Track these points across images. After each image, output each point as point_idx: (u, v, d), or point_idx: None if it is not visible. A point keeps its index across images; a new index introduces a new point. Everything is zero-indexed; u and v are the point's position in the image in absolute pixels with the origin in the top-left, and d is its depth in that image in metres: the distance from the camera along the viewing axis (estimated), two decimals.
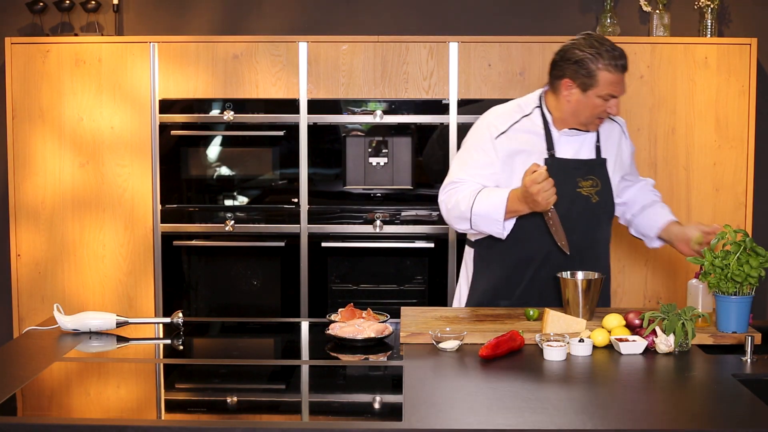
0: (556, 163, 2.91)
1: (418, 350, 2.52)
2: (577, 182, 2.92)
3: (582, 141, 2.96)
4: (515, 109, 2.98)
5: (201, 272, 4.27)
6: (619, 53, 2.82)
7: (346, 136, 4.16)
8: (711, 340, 2.57)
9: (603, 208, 2.97)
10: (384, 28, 4.46)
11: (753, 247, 2.54)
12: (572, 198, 2.91)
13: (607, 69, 2.80)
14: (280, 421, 2.06)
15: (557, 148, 2.93)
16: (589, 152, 2.97)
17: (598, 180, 2.95)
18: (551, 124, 2.94)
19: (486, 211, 2.82)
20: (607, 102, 2.84)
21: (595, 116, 2.88)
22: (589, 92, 2.84)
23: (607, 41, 2.84)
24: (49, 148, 4.19)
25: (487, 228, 2.86)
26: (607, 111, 2.86)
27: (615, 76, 2.81)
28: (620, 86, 2.84)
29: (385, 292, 4.25)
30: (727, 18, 4.47)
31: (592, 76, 2.81)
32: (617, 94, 2.84)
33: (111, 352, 2.62)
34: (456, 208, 2.88)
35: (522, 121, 2.94)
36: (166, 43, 4.16)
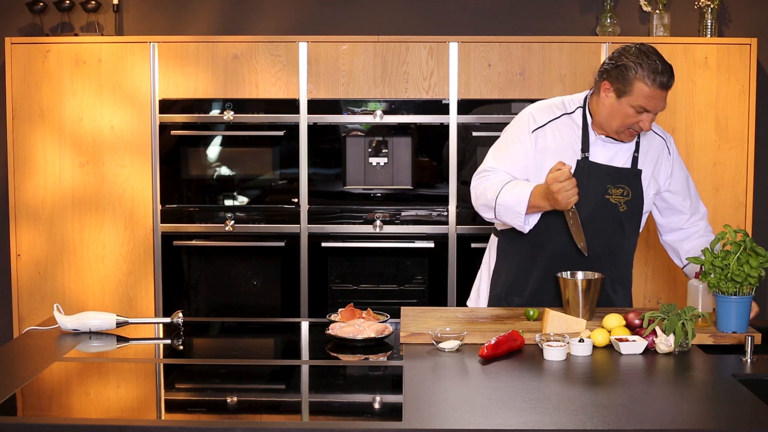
0: (588, 165, 2.89)
1: (418, 350, 2.52)
2: (607, 189, 2.90)
3: (619, 148, 2.93)
4: (558, 106, 2.97)
5: (201, 272, 4.27)
6: (663, 69, 2.75)
7: (346, 136, 4.16)
8: (711, 340, 2.57)
9: (630, 218, 2.95)
10: (384, 28, 4.46)
11: (753, 247, 2.54)
12: (599, 203, 2.90)
13: (643, 80, 2.75)
14: (280, 421, 2.06)
15: (592, 150, 2.91)
16: (625, 161, 2.94)
17: (629, 189, 2.91)
18: (590, 126, 2.92)
19: (509, 203, 2.82)
20: (639, 114, 2.79)
21: (626, 126, 2.83)
22: (623, 100, 2.80)
23: (657, 55, 2.77)
24: (49, 148, 4.19)
25: (510, 220, 2.85)
26: (639, 125, 2.81)
27: (651, 90, 2.75)
28: (655, 102, 2.77)
29: (385, 292, 4.25)
30: (727, 18, 4.47)
31: (628, 84, 2.77)
32: (651, 109, 2.78)
33: (111, 352, 2.62)
34: (483, 195, 2.89)
35: (562, 118, 2.94)
36: (166, 43, 4.16)
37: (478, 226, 4.15)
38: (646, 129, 2.82)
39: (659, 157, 2.99)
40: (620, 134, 2.87)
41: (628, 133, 2.86)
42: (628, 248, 3.02)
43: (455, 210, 4.16)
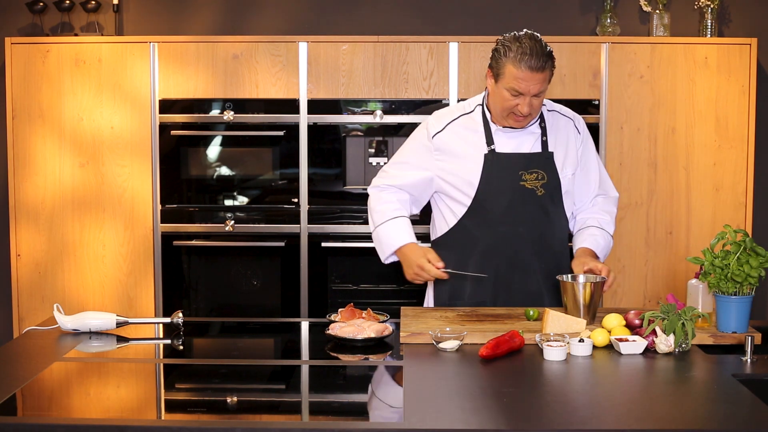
0: (497, 157, 2.93)
1: (418, 350, 2.52)
2: (521, 175, 2.93)
3: (523, 135, 2.97)
4: (457, 108, 3.05)
5: (201, 272, 4.27)
6: (533, 52, 2.77)
7: (346, 136, 4.16)
8: (711, 340, 2.57)
9: (551, 201, 2.97)
10: (384, 28, 4.46)
11: (753, 247, 2.54)
12: (515, 191, 2.93)
13: (512, 62, 2.79)
14: (280, 421, 2.06)
15: (497, 142, 2.95)
16: (533, 146, 2.97)
17: (543, 173, 2.95)
18: (490, 120, 2.97)
19: (382, 239, 3.02)
20: (515, 98, 2.83)
21: (507, 110, 2.87)
22: (499, 84, 2.86)
23: (532, 40, 2.80)
24: (49, 148, 4.19)
25: (377, 247, 3.05)
26: (518, 108, 2.84)
27: (520, 72, 2.78)
28: (527, 84, 2.79)
29: (385, 292, 4.25)
30: (727, 18, 4.47)
31: (501, 68, 2.83)
32: (523, 92, 2.80)
33: (111, 352, 2.62)
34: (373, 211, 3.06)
35: (461, 118, 3.00)
36: (166, 43, 4.16)
37: None
38: (524, 113, 2.84)
39: (569, 136, 3.03)
40: (506, 119, 2.91)
41: (513, 118, 2.89)
42: (559, 231, 3.03)
43: None
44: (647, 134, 4.17)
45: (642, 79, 4.15)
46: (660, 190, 4.19)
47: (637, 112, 4.16)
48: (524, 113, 2.85)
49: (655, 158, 4.17)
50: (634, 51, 4.14)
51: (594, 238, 3.00)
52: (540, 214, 2.96)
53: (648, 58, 4.14)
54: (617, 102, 4.16)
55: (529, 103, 2.83)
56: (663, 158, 4.17)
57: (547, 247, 2.99)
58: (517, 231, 2.94)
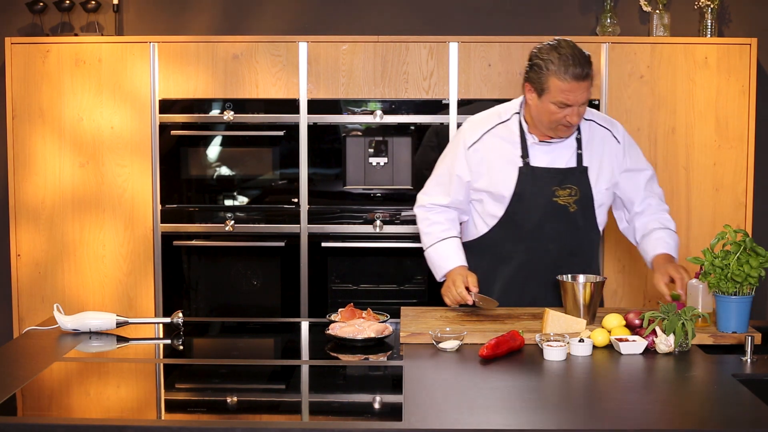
0: (530, 171, 2.89)
1: (418, 350, 2.52)
2: (554, 191, 2.89)
3: (559, 149, 2.91)
4: (492, 116, 2.98)
5: (201, 272, 4.27)
6: (576, 61, 2.73)
7: (346, 136, 4.16)
8: (711, 340, 2.57)
9: (582, 217, 2.93)
10: (384, 28, 4.46)
11: (753, 247, 2.54)
12: (547, 207, 2.89)
13: (556, 75, 2.74)
14: (280, 421, 2.06)
15: (532, 155, 2.90)
16: (569, 160, 2.92)
17: (577, 188, 2.90)
18: (527, 131, 2.92)
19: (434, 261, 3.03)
20: (563, 109, 2.78)
21: (555, 123, 2.81)
22: (543, 98, 2.80)
23: (571, 48, 2.77)
24: (49, 148, 4.19)
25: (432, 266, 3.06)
26: (567, 119, 2.79)
27: (566, 84, 2.73)
28: (575, 95, 2.75)
29: (385, 292, 4.25)
30: (727, 18, 4.47)
31: (543, 82, 2.78)
32: (571, 103, 2.76)
33: (111, 352, 2.62)
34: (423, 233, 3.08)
35: (497, 127, 2.94)
36: (166, 43, 4.16)
37: None
38: (574, 123, 2.80)
39: (605, 148, 2.96)
40: (555, 131, 2.86)
41: (561, 128, 2.84)
42: (589, 246, 3.00)
43: None
44: (647, 134, 4.17)
45: (642, 79, 4.15)
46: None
47: (637, 112, 4.16)
48: (574, 123, 2.80)
49: (655, 158, 4.16)
50: (634, 51, 4.13)
51: (663, 241, 2.93)
52: (571, 230, 2.93)
53: (648, 58, 4.14)
54: (617, 102, 4.16)
55: (578, 113, 2.78)
56: (663, 158, 4.17)
57: (577, 261, 2.94)
58: (548, 248, 2.91)
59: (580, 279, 2.77)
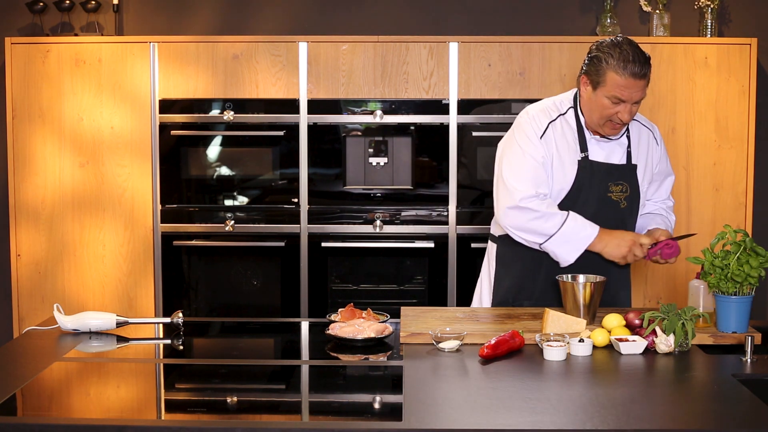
0: (589, 165, 2.91)
1: (418, 350, 2.52)
2: (608, 186, 2.92)
3: (613, 144, 2.95)
4: (551, 107, 2.97)
5: (201, 272, 4.27)
6: (635, 58, 2.75)
7: (346, 136, 4.16)
8: (711, 340, 2.57)
9: (630, 214, 2.97)
10: (384, 28, 4.46)
11: (753, 247, 2.54)
12: (602, 202, 2.91)
13: (614, 70, 2.76)
14: (280, 421, 2.06)
15: (590, 150, 2.93)
16: (621, 157, 2.96)
17: (627, 186, 2.94)
18: (584, 125, 2.94)
19: (570, 239, 2.85)
20: (616, 105, 2.80)
21: (605, 118, 2.84)
22: (598, 92, 2.82)
23: (631, 46, 2.79)
24: (49, 148, 4.19)
25: (561, 254, 2.88)
26: (618, 116, 2.81)
27: (623, 80, 2.76)
28: (630, 91, 2.77)
29: (385, 292, 4.24)
30: (727, 18, 4.47)
31: (601, 75, 2.80)
32: (626, 99, 2.78)
33: (111, 352, 2.62)
34: (538, 220, 2.86)
35: (558, 120, 2.95)
36: (166, 43, 4.16)
37: (478, 226, 4.15)
38: (625, 120, 2.82)
39: (649, 147, 3.02)
40: (603, 128, 2.87)
41: (610, 125, 2.86)
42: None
43: (455, 210, 4.16)
44: None
45: None
46: None
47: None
48: (625, 121, 2.82)
49: None
50: None
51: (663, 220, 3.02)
52: (620, 226, 2.93)
53: None
54: None
55: (630, 111, 2.80)
56: None
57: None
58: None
59: (580, 279, 2.77)
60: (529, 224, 2.87)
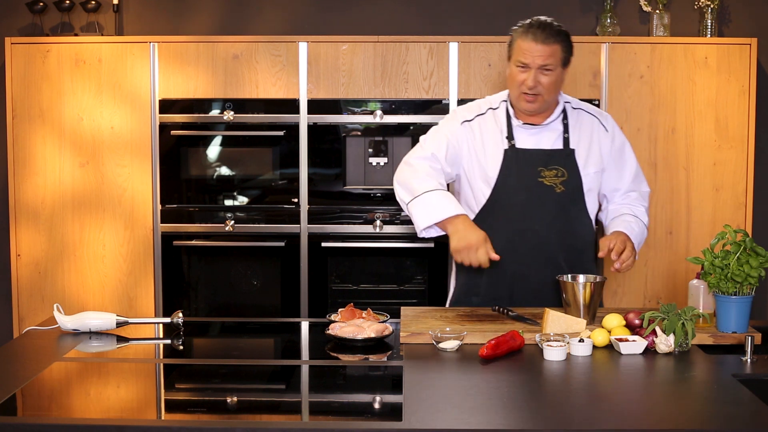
0: (516, 153, 2.95)
1: (418, 350, 2.52)
2: (539, 171, 2.94)
3: (544, 131, 2.98)
4: (484, 103, 3.08)
5: (201, 272, 4.27)
6: (539, 25, 2.91)
7: (346, 136, 4.16)
8: (711, 340, 2.57)
9: (571, 199, 2.96)
10: (384, 28, 4.46)
11: (753, 247, 2.54)
12: (533, 187, 2.93)
13: (519, 35, 2.92)
14: (280, 421, 2.06)
15: (517, 137, 2.97)
16: (554, 142, 2.98)
17: (564, 170, 2.95)
18: (513, 116, 3.00)
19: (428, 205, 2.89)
20: (522, 73, 2.89)
21: (518, 89, 2.91)
22: (510, 61, 2.95)
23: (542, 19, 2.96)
24: (49, 148, 4.19)
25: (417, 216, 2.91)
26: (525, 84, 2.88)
27: (525, 44, 2.88)
28: (532, 55, 2.87)
29: (385, 292, 4.25)
30: (727, 18, 4.47)
31: (512, 45, 2.95)
32: (528, 63, 2.87)
33: (111, 352, 2.62)
34: (411, 180, 2.94)
35: (488, 113, 3.04)
36: (166, 43, 4.16)
37: None
38: (529, 85, 2.88)
39: (593, 133, 3.02)
40: (519, 103, 2.94)
41: (524, 98, 2.92)
42: (582, 232, 3.01)
43: None
44: (647, 134, 4.17)
45: (642, 79, 4.15)
46: (660, 190, 4.19)
47: (637, 112, 4.16)
48: (529, 87, 2.88)
49: (655, 158, 4.17)
50: (634, 51, 4.14)
51: (628, 224, 2.96)
52: (558, 211, 2.95)
53: (648, 58, 4.14)
54: (617, 102, 4.16)
55: (534, 77, 2.87)
56: (663, 158, 4.17)
57: (566, 244, 2.97)
58: (534, 228, 2.94)
59: (580, 279, 2.77)
60: (407, 179, 2.96)
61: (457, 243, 2.82)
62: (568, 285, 2.72)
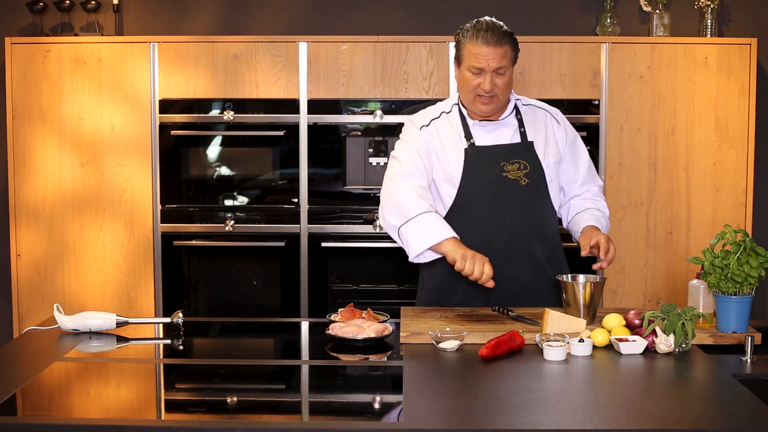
0: (476, 151, 2.95)
1: (418, 350, 2.52)
2: (502, 166, 2.94)
3: (500, 127, 2.98)
4: (436, 108, 3.07)
5: (201, 272, 4.27)
6: (488, 27, 2.87)
7: (346, 136, 4.16)
8: (711, 340, 2.57)
9: (536, 191, 2.97)
10: (384, 28, 4.46)
11: (753, 247, 2.54)
12: (498, 182, 2.93)
13: (469, 40, 2.87)
14: (280, 421, 2.06)
15: (475, 136, 2.97)
16: (512, 137, 2.99)
17: (526, 162, 2.96)
18: (467, 116, 3.00)
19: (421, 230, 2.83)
20: (477, 77, 2.87)
21: (472, 93, 2.90)
22: (462, 67, 2.91)
23: (489, 20, 2.92)
24: (49, 148, 4.19)
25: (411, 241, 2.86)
26: (481, 87, 2.87)
27: (477, 48, 2.85)
28: (486, 59, 2.85)
29: (385, 292, 4.24)
30: (727, 18, 4.47)
31: (461, 49, 2.91)
32: (483, 67, 2.85)
33: (111, 352, 2.62)
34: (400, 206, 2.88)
35: (442, 116, 3.03)
36: (166, 43, 4.16)
37: None
38: (486, 89, 2.87)
39: (547, 126, 3.04)
40: (474, 105, 2.93)
41: (479, 101, 2.91)
42: (550, 219, 3.02)
43: None
44: (647, 134, 4.17)
45: (642, 79, 4.15)
46: (660, 190, 4.19)
47: (637, 112, 4.16)
48: (486, 90, 2.87)
49: (655, 158, 4.17)
50: (634, 51, 4.13)
51: (596, 218, 3.00)
52: (526, 204, 2.95)
53: (648, 58, 4.14)
54: (617, 102, 4.16)
55: (491, 80, 2.86)
56: (663, 158, 4.17)
57: (537, 236, 2.97)
58: (504, 222, 2.93)
59: (580, 279, 2.77)
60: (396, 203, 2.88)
61: (464, 252, 2.76)
62: (568, 285, 2.72)
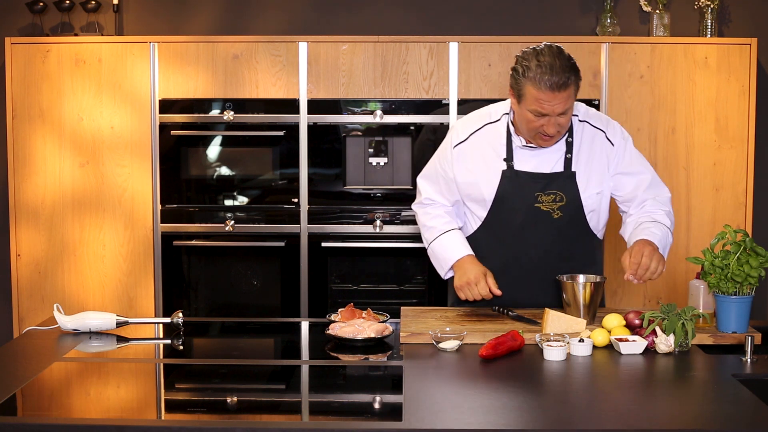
0: (513, 175, 2.82)
1: (418, 350, 2.52)
2: (537, 197, 2.81)
3: (545, 153, 2.82)
4: (483, 115, 2.92)
5: (201, 272, 4.27)
6: (554, 70, 2.61)
7: (346, 136, 4.16)
8: (711, 340, 2.57)
9: (569, 223, 2.84)
10: (384, 28, 4.46)
11: (753, 247, 2.54)
12: (529, 212, 2.82)
13: (532, 83, 2.62)
14: (280, 421, 2.06)
15: (517, 158, 2.82)
16: (555, 164, 2.82)
17: (562, 194, 2.81)
18: (514, 133, 2.84)
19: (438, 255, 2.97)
20: (540, 119, 2.67)
21: (533, 131, 2.72)
22: (522, 105, 2.70)
23: (552, 55, 2.64)
24: (49, 148, 4.19)
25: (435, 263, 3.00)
26: (543, 129, 2.70)
27: (541, 93, 2.62)
28: (550, 104, 2.63)
29: (385, 292, 4.25)
30: (727, 18, 4.47)
31: (521, 88, 2.67)
32: (547, 112, 2.65)
33: (111, 352, 2.62)
34: (424, 227, 3.03)
35: (485, 128, 2.88)
36: (166, 43, 4.16)
37: None
38: (550, 133, 2.70)
39: (594, 152, 2.84)
40: (534, 140, 2.77)
41: (540, 138, 2.74)
42: (583, 252, 2.91)
43: None
44: (647, 134, 4.17)
45: (642, 79, 4.15)
46: None
47: (637, 112, 4.16)
48: (551, 134, 2.70)
49: (655, 158, 4.17)
50: (634, 51, 4.14)
51: (649, 230, 2.76)
52: (554, 237, 2.84)
53: (648, 58, 4.14)
54: (617, 102, 4.16)
55: (555, 123, 2.67)
56: (663, 158, 4.17)
57: (567, 267, 2.83)
58: (528, 253, 2.86)
59: (580, 279, 2.77)
60: (421, 223, 3.05)
61: (458, 281, 2.86)
62: (568, 285, 2.72)
